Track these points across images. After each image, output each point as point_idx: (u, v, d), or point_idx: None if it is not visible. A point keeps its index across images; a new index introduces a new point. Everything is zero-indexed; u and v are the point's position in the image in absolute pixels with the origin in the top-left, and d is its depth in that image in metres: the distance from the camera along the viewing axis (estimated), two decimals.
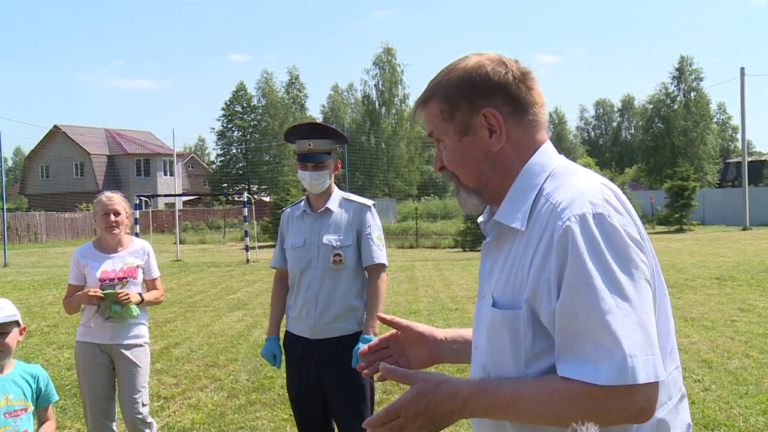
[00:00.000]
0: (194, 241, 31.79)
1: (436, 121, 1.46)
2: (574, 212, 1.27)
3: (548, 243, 1.28)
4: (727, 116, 75.16)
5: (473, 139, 1.42)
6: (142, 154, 52.26)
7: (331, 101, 67.79)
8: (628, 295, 1.22)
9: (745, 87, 30.40)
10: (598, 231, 1.25)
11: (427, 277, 14.63)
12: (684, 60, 56.58)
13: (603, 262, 1.23)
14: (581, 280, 1.22)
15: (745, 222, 29.57)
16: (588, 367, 1.20)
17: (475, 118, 1.41)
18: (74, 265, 4.06)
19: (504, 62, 1.42)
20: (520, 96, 1.41)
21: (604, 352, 1.19)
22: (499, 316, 1.36)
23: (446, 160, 1.47)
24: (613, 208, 1.29)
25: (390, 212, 37.87)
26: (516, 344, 1.33)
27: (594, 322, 1.20)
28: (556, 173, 1.40)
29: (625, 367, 1.17)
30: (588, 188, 1.32)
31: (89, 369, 3.98)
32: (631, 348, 1.18)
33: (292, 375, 3.55)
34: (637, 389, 1.18)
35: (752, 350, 6.93)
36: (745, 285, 11.58)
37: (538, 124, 1.44)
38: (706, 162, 56.16)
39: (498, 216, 1.42)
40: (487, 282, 1.46)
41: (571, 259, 1.24)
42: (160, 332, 8.77)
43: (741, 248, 19.38)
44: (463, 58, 1.47)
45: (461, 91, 1.41)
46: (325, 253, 3.41)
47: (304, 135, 3.45)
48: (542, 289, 1.28)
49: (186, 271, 17.23)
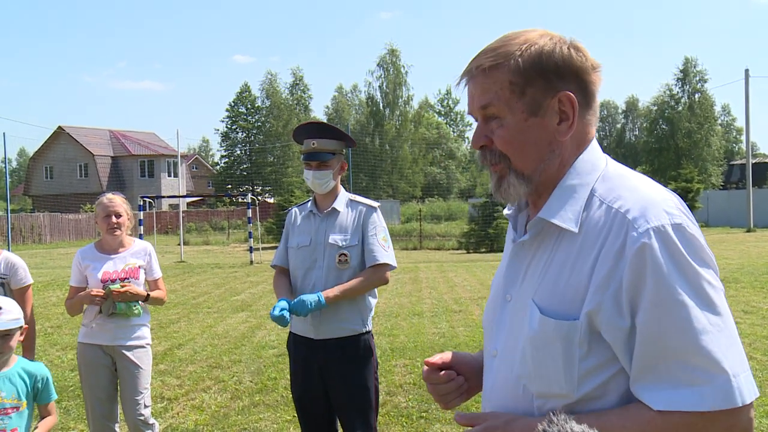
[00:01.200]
0: (198, 243, 31.82)
1: (500, 93, 1.28)
2: (652, 223, 1.16)
3: (617, 253, 1.17)
4: (732, 118, 74.99)
5: (540, 122, 1.28)
6: (146, 156, 52.38)
7: (335, 102, 67.77)
8: (719, 309, 1.14)
9: (749, 89, 30.35)
10: (680, 243, 1.15)
11: (430, 278, 14.62)
12: (688, 61, 56.45)
13: (690, 276, 1.14)
14: (669, 298, 1.13)
15: (749, 224, 29.50)
16: (685, 392, 1.11)
17: (548, 99, 1.27)
18: (76, 266, 4.07)
19: (581, 47, 1.31)
20: (591, 87, 1.31)
21: (701, 375, 1.10)
22: (551, 326, 1.23)
23: (503, 140, 1.30)
24: (688, 218, 1.20)
25: (394, 214, 37.87)
26: (569, 358, 1.22)
27: (687, 342, 1.11)
28: (608, 175, 1.30)
29: (730, 388, 1.09)
30: (658, 195, 1.23)
31: (91, 370, 3.99)
32: (733, 367, 1.10)
33: (296, 375, 3.54)
34: (741, 410, 1.11)
35: (756, 352, 6.90)
36: (749, 287, 11.54)
37: (593, 120, 1.35)
38: (711, 164, 56.02)
39: (545, 213, 1.29)
40: (518, 285, 1.35)
41: (654, 274, 1.14)
42: (163, 333, 8.78)
43: (745, 250, 19.33)
44: (527, 32, 1.32)
45: (540, 67, 1.27)
46: (330, 252, 3.41)
47: (310, 134, 3.47)
48: (608, 302, 1.17)
49: (190, 273, 17.24)
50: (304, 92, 63.20)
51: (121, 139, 53.59)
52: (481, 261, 18.99)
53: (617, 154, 76.47)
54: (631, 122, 79.10)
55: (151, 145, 53.96)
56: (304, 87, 63.21)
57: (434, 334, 8.41)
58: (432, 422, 5.10)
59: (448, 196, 58.60)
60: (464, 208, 39.32)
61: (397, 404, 5.55)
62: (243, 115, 63.71)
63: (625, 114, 79.68)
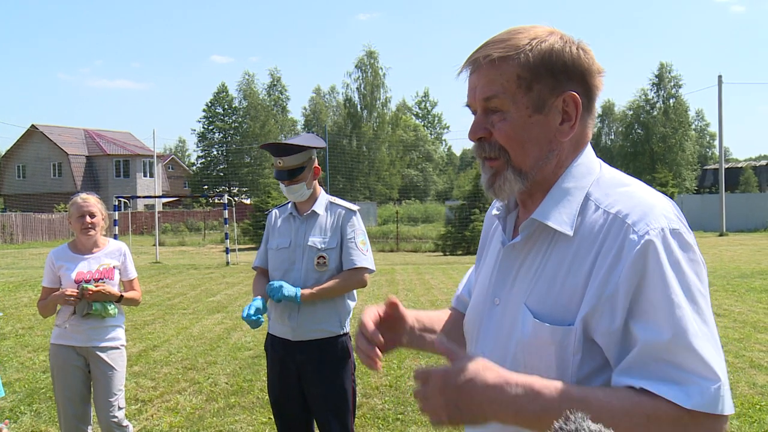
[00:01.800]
0: (174, 243, 31.58)
1: (507, 86, 1.25)
2: (651, 226, 1.16)
3: (615, 257, 1.16)
4: (705, 123, 76.14)
5: (544, 120, 1.27)
6: (122, 155, 51.84)
7: (313, 104, 67.65)
8: (707, 318, 1.15)
9: (722, 94, 30.81)
10: (678, 248, 1.16)
11: (407, 281, 14.63)
12: (663, 67, 57.20)
13: (687, 282, 1.14)
14: (667, 300, 1.12)
15: (722, 228, 29.94)
16: (675, 388, 1.09)
17: (554, 98, 1.26)
18: (49, 267, 4.02)
19: (588, 50, 1.29)
20: (594, 91, 1.30)
21: (691, 377, 1.10)
22: (546, 331, 1.21)
23: (505, 133, 1.27)
24: (684, 225, 1.21)
25: (371, 216, 37.87)
26: (563, 363, 1.20)
27: (682, 344, 1.11)
28: (603, 179, 1.30)
29: (718, 395, 1.09)
30: (656, 201, 1.22)
31: (64, 372, 3.94)
32: (722, 375, 1.11)
33: (272, 377, 3.53)
34: (722, 419, 1.11)
35: (728, 355, 7.00)
36: (722, 290, 11.71)
37: (592, 125, 1.34)
38: (685, 168, 56.78)
39: (539, 215, 1.27)
40: (507, 289, 1.33)
41: (653, 277, 1.13)
42: (138, 335, 8.69)
43: (718, 254, 19.61)
44: (535, 27, 1.30)
45: (550, 65, 1.25)
46: (309, 254, 3.41)
47: (276, 153, 3.44)
48: (604, 307, 1.16)
49: (165, 274, 17.09)
50: (282, 93, 63.00)
51: (97, 139, 52.99)
52: (457, 263, 19.06)
53: None
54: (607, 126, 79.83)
55: (126, 145, 53.44)
56: (281, 88, 63.02)
57: None
58: (408, 424, 5.10)
59: (425, 198, 58.81)
60: (441, 210, 39.45)
61: (374, 406, 5.55)
62: (220, 115, 63.39)
63: (601, 118, 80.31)
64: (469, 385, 1.15)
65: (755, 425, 4.94)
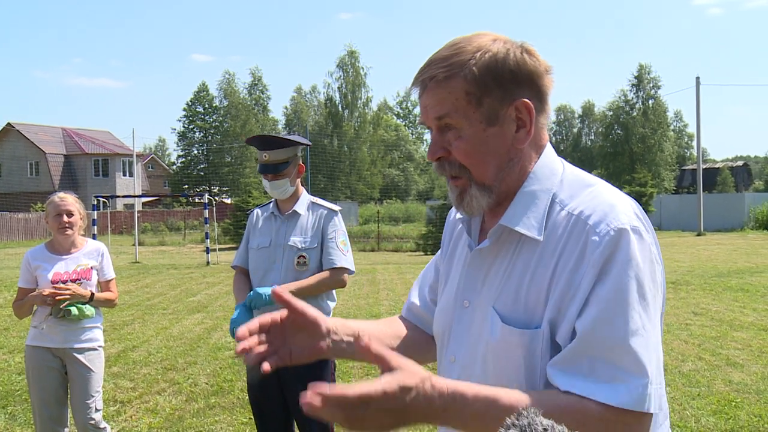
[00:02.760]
0: (153, 243, 31.32)
1: (457, 104, 1.24)
2: (612, 225, 1.17)
3: (578, 258, 1.17)
4: (684, 124, 76.86)
5: (499, 132, 1.26)
6: (101, 154, 51.33)
7: (294, 103, 67.50)
8: (653, 319, 1.16)
9: (700, 96, 31.14)
10: (637, 247, 1.17)
11: (388, 280, 14.64)
12: (643, 68, 57.77)
13: (640, 281, 1.15)
14: (617, 298, 1.13)
15: (700, 228, 30.27)
16: (603, 386, 1.10)
17: (506, 108, 1.25)
18: (25, 267, 3.96)
19: (532, 51, 1.28)
20: (545, 91, 1.29)
21: (622, 374, 1.10)
22: (514, 335, 1.22)
23: (463, 151, 1.27)
24: (644, 224, 1.22)
25: (352, 215, 37.84)
26: (531, 367, 1.21)
27: (618, 340, 1.12)
28: (566, 179, 1.30)
29: (645, 393, 1.10)
30: (617, 201, 1.23)
31: (40, 373, 3.89)
32: (652, 374, 1.12)
33: (252, 377, 3.52)
34: (646, 417, 1.12)
35: (705, 353, 7.09)
36: (699, 289, 11.84)
37: (546, 124, 1.33)
38: (663, 168, 57.40)
39: (507, 220, 1.27)
40: (476, 292, 1.33)
41: (610, 275, 1.14)
42: (117, 335, 8.61)
43: (695, 253, 19.82)
44: (478, 36, 1.28)
45: (496, 76, 1.23)
46: (289, 254, 3.41)
47: (261, 147, 3.44)
48: (567, 307, 1.17)
49: (145, 273, 16.96)
50: (263, 92, 62.79)
51: (75, 138, 52.41)
52: None
53: (573, 158, 77.71)
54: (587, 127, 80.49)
55: (105, 144, 52.92)
56: (262, 87, 62.80)
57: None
58: None
59: (406, 198, 58.83)
60: (422, 210, 39.51)
61: None
62: (200, 114, 62.93)
63: (581, 119, 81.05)
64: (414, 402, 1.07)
65: (731, 422, 5.00)
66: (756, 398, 5.54)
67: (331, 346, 1.38)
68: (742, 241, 24.53)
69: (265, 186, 3.49)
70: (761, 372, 6.32)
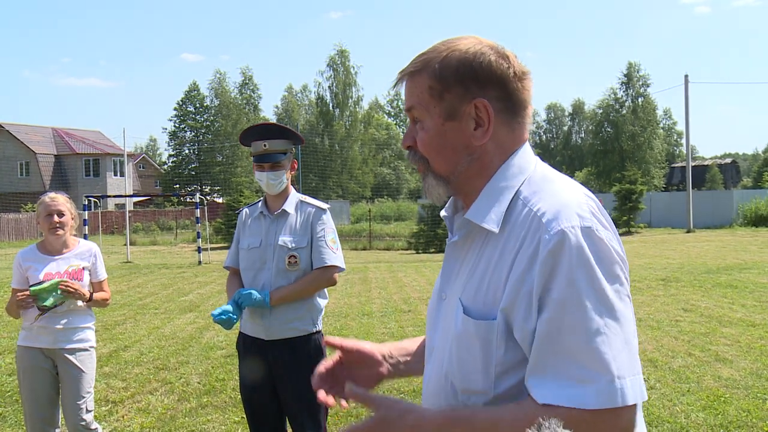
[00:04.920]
0: (145, 243, 31.21)
1: (421, 97, 1.34)
2: (562, 225, 1.20)
3: (532, 255, 1.20)
4: (673, 122, 77.16)
5: (457, 126, 1.32)
6: (92, 154, 51.08)
7: (284, 102, 67.38)
8: (617, 314, 1.17)
9: (689, 94, 31.32)
10: (587, 245, 1.18)
11: (380, 278, 14.66)
12: (632, 66, 57.92)
13: (592, 279, 1.17)
14: (571, 298, 1.16)
15: (689, 225, 30.44)
16: (572, 390, 1.14)
17: (465, 105, 1.31)
18: (17, 268, 3.95)
19: (507, 55, 1.33)
20: (516, 94, 1.33)
21: (588, 374, 1.13)
22: (471, 325, 1.27)
23: (422, 142, 1.36)
24: (599, 222, 1.23)
25: (343, 214, 37.83)
26: (487, 356, 1.26)
27: (580, 342, 1.14)
28: (533, 177, 1.33)
29: (613, 389, 1.13)
30: (573, 199, 1.26)
31: (31, 373, 3.88)
32: (619, 369, 1.14)
33: (245, 376, 3.53)
34: (624, 411, 1.14)
35: (694, 349, 7.15)
36: (689, 286, 11.92)
37: (524, 125, 1.37)
38: (653, 166, 57.58)
39: (470, 215, 1.33)
40: (451, 284, 1.39)
41: (559, 274, 1.17)
42: (109, 335, 8.60)
43: (685, 250, 19.93)
44: (461, 38, 1.36)
45: (458, 74, 1.31)
46: (280, 254, 3.41)
47: (260, 136, 3.44)
48: (521, 303, 1.20)
49: (136, 273, 16.91)
50: (254, 92, 62.71)
51: (65, 138, 52.15)
52: (430, 261, 19.12)
53: (564, 156, 78.04)
54: (577, 125, 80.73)
55: (96, 144, 52.66)
56: (253, 86, 62.71)
57: (383, 333, 8.44)
58: None
59: (397, 196, 58.79)
60: (413, 208, 39.49)
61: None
62: (191, 114, 62.74)
63: (571, 116, 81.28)
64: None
65: (720, 417, 5.05)
66: (745, 393, 5.59)
67: (391, 369, 1.59)
68: (730, 238, 24.68)
69: (259, 180, 3.47)
70: (750, 367, 6.38)
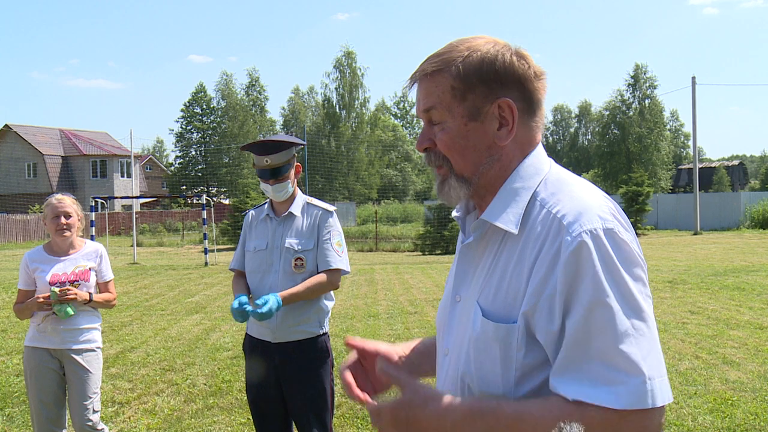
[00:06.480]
0: (152, 244, 31.31)
1: (442, 97, 1.32)
2: (584, 227, 1.19)
3: (553, 258, 1.20)
4: (680, 123, 77.07)
5: (480, 127, 1.32)
6: (99, 156, 51.27)
7: (291, 104, 67.49)
8: (643, 314, 1.18)
9: (696, 95, 31.24)
10: (611, 248, 1.18)
11: (386, 280, 14.65)
12: (639, 68, 57.74)
13: (618, 280, 1.17)
14: (596, 300, 1.16)
15: (696, 227, 30.33)
16: (603, 389, 1.13)
17: (488, 105, 1.31)
18: (24, 269, 3.97)
19: (525, 55, 1.34)
20: (534, 95, 1.34)
21: (619, 375, 1.13)
22: (491, 328, 1.27)
23: (444, 142, 1.34)
24: (620, 224, 1.24)
25: (350, 215, 37.87)
26: (507, 359, 1.25)
27: (610, 343, 1.15)
28: (550, 179, 1.33)
29: (644, 390, 1.13)
30: (594, 201, 1.25)
31: (38, 374, 3.90)
32: (649, 370, 1.14)
33: (251, 377, 3.53)
34: (653, 412, 1.14)
35: (701, 351, 7.12)
36: (696, 288, 11.87)
37: (539, 126, 1.38)
38: (660, 168, 57.39)
39: (487, 215, 1.32)
40: (466, 286, 1.38)
41: (584, 277, 1.17)
42: (115, 336, 8.62)
43: (692, 252, 19.86)
44: (475, 38, 1.36)
45: (481, 73, 1.30)
46: (287, 256, 3.41)
47: (262, 152, 3.42)
48: (543, 306, 1.20)
49: (143, 274, 16.95)
50: (260, 93, 62.80)
51: (73, 139, 52.35)
52: (436, 263, 19.11)
53: (570, 158, 77.87)
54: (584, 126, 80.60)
55: (103, 145, 52.85)
56: (260, 88, 62.81)
57: (389, 335, 8.44)
58: None
59: (403, 198, 58.80)
60: (420, 210, 39.50)
61: (353, 406, 5.56)
62: (198, 115, 62.98)
63: (578, 118, 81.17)
64: (415, 420, 1.25)
65: (727, 420, 5.03)
66: (752, 396, 5.56)
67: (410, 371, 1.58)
68: (738, 240, 24.58)
69: (265, 190, 3.47)
70: (757, 370, 6.35)
